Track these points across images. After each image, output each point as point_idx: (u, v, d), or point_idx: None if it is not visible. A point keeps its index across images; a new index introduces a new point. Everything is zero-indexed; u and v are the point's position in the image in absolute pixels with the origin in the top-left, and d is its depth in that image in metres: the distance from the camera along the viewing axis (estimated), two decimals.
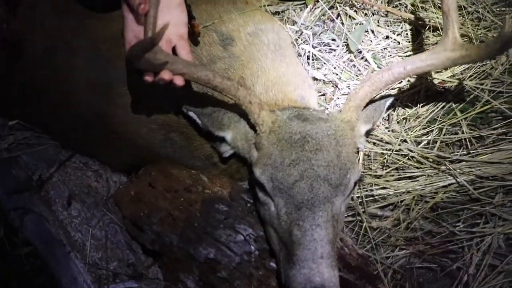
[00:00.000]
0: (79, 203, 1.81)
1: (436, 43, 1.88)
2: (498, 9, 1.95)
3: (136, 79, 1.45)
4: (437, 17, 1.92)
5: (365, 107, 1.54)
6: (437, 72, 1.91)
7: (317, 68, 2.04)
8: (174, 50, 1.45)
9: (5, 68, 1.87)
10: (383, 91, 1.74)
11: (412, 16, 1.98)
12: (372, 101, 1.58)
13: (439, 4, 1.96)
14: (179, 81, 1.39)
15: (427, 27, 1.95)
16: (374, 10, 2.07)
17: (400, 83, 1.93)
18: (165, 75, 1.37)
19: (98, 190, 1.88)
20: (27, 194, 1.76)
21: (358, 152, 1.83)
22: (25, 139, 1.91)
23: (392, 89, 1.94)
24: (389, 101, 1.62)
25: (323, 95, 2.01)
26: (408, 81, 1.93)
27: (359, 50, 2.02)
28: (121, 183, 1.91)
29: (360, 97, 1.50)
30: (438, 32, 1.92)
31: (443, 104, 1.90)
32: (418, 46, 1.96)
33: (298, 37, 2.08)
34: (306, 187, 1.34)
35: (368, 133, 1.65)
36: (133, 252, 1.75)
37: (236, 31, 1.78)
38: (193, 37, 1.60)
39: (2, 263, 1.68)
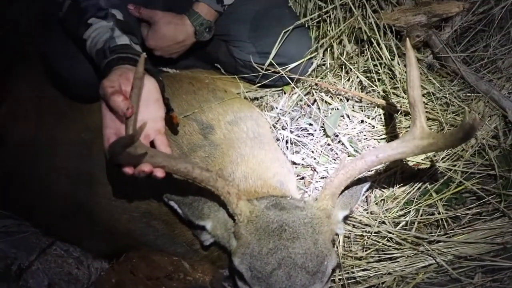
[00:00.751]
0: None
1: (408, 127, 1.94)
2: (464, 94, 2.09)
3: (118, 169, 1.48)
4: (408, 102, 1.99)
5: (341, 193, 1.57)
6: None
7: (296, 152, 2.11)
8: (152, 144, 1.50)
9: None
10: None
11: (384, 102, 2.08)
12: (348, 186, 1.61)
13: None
14: (159, 173, 1.43)
15: (399, 112, 2.04)
16: (349, 96, 2.16)
17: None
18: (145, 167, 1.41)
19: (79, 278, 1.89)
20: (4, 284, 1.75)
21: (337, 235, 1.84)
22: (5, 227, 1.96)
23: (369, 170, 1.95)
24: (366, 186, 1.66)
25: (302, 178, 2.06)
26: (385, 164, 1.97)
27: (336, 134, 2.09)
28: (103, 270, 1.91)
29: (335, 185, 1.53)
30: (409, 116, 2.00)
31: (419, 185, 1.96)
32: (391, 129, 2.04)
33: (276, 123, 2.16)
34: (284, 275, 1.35)
35: (345, 218, 1.68)
36: None
37: (216, 120, 1.86)
38: (172, 127, 1.67)
39: None
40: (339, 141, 2.11)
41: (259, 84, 2.26)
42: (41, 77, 2.06)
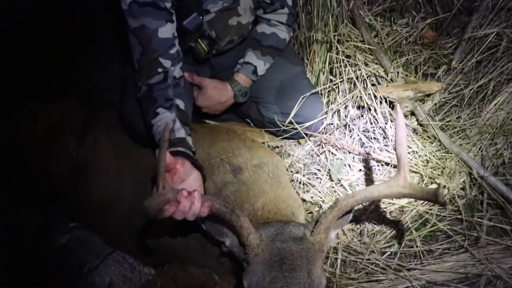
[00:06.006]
0: None
1: None
2: (440, 154, 2.23)
3: None
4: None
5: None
6: (398, 199, 2.17)
7: (306, 191, 2.28)
8: None
9: (70, 184, 2.15)
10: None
11: (378, 156, 2.26)
12: None
13: None
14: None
15: (389, 165, 2.24)
16: (350, 150, 2.34)
17: (370, 206, 2.20)
18: (186, 203, 1.52)
19: (132, 279, 1.99)
20: (79, 279, 1.94)
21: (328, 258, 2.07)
22: (80, 236, 2.07)
23: (364, 210, 2.20)
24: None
25: (310, 213, 2.23)
26: (376, 205, 2.18)
27: (339, 179, 2.27)
28: (150, 275, 1.97)
29: (329, 220, 1.60)
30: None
31: (402, 223, 2.13)
32: (382, 177, 2.24)
33: (292, 167, 2.36)
34: None
35: (337, 234, 1.80)
36: None
37: (244, 163, 2.03)
38: None
39: None
40: (341, 185, 2.27)
41: (281, 136, 2.43)
42: (114, 124, 2.23)
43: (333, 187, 2.30)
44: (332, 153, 2.39)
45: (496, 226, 2.06)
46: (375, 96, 2.33)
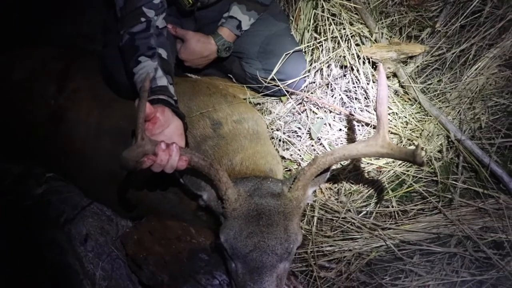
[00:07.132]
0: (93, 241, 1.97)
1: None
2: (419, 116, 2.23)
3: None
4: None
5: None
6: (376, 159, 2.17)
7: (286, 149, 2.27)
8: None
9: (48, 133, 2.08)
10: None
11: (358, 116, 2.24)
12: None
13: None
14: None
15: (369, 125, 2.23)
16: (331, 109, 2.32)
17: (348, 165, 2.19)
18: (164, 156, 1.49)
19: (109, 232, 2.03)
20: (55, 230, 1.94)
21: (304, 215, 2.07)
22: (57, 187, 2.09)
23: (342, 170, 2.19)
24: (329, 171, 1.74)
25: (289, 170, 2.23)
26: (354, 165, 2.18)
27: (319, 138, 2.26)
28: (127, 227, 2.03)
29: (307, 177, 1.60)
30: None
31: (379, 183, 2.14)
32: (362, 138, 2.23)
33: (273, 124, 2.34)
34: (257, 257, 1.47)
35: (314, 191, 1.81)
36: (132, 283, 1.91)
37: (224, 118, 2.00)
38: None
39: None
40: (320, 144, 2.26)
41: (262, 93, 2.40)
42: (95, 73, 2.13)
43: (312, 145, 2.29)
44: (313, 111, 2.37)
45: (470, 188, 2.07)
46: (358, 56, 2.29)
